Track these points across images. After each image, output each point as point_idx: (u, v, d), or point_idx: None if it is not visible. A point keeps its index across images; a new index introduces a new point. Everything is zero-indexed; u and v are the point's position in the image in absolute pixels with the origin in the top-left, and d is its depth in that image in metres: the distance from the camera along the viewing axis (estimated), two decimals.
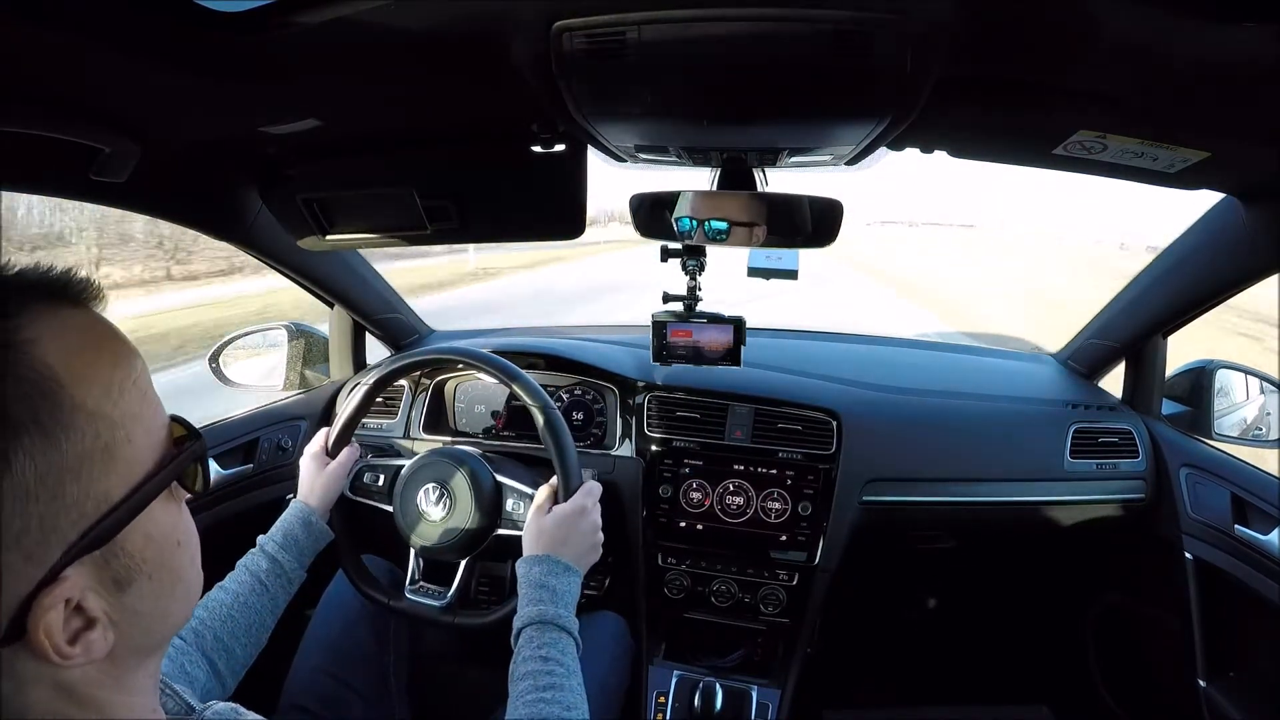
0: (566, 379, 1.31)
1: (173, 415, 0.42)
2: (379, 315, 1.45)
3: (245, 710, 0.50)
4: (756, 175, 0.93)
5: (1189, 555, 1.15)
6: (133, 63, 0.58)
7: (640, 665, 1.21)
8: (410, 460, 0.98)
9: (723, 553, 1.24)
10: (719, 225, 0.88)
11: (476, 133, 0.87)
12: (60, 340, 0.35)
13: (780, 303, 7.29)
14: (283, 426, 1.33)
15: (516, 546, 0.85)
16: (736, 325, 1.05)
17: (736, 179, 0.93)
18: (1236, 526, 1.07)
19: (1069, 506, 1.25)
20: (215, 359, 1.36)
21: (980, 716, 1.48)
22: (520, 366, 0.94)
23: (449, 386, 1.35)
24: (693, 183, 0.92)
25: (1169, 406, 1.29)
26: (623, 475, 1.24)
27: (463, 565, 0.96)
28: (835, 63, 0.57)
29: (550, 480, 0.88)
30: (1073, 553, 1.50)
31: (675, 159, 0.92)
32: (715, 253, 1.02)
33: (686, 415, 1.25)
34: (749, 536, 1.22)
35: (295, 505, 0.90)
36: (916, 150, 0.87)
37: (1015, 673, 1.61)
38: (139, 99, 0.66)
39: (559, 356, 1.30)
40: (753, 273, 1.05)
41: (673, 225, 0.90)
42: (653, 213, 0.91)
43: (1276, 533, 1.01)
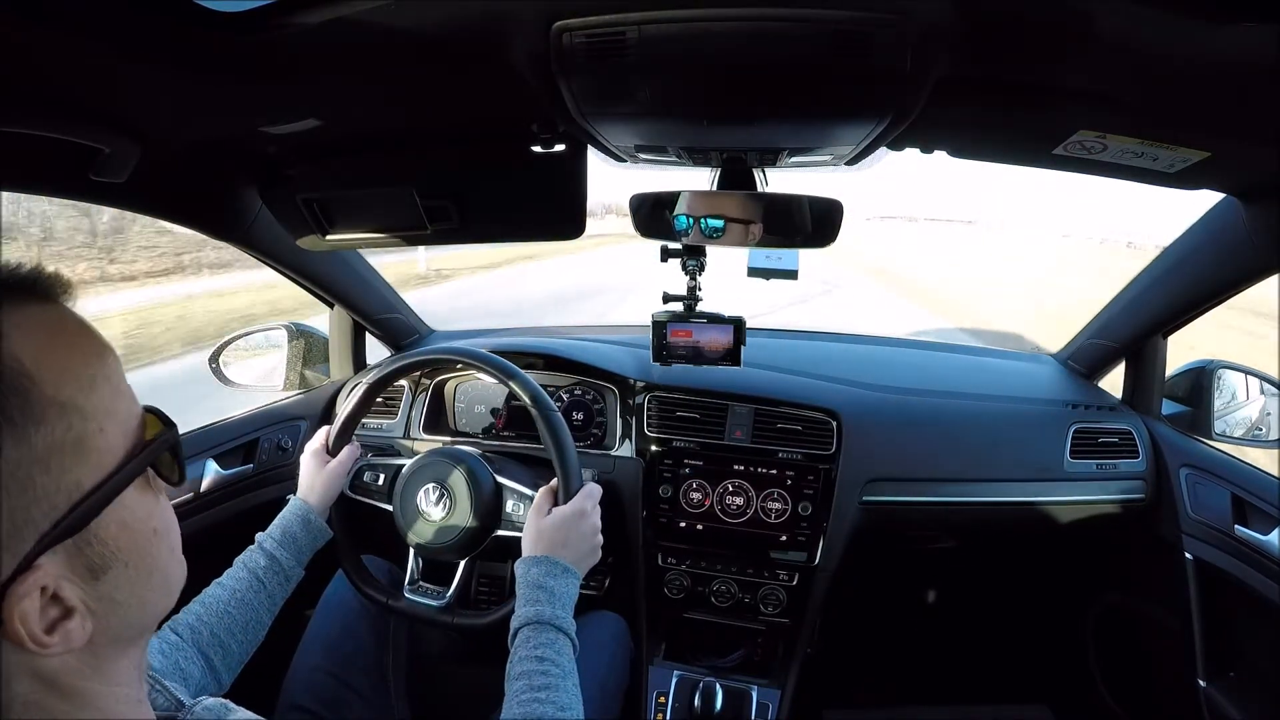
0: (566, 379, 1.31)
1: (147, 407, 0.42)
2: (379, 315, 1.45)
3: (235, 706, 0.51)
4: (756, 175, 0.93)
5: (1189, 555, 1.15)
6: (133, 63, 0.58)
7: (640, 665, 1.21)
8: (410, 460, 0.98)
9: (723, 553, 1.24)
10: (715, 223, 0.88)
11: (476, 133, 0.87)
12: (30, 335, 0.35)
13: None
14: (283, 426, 1.33)
15: (516, 547, 0.85)
16: (736, 325, 1.05)
17: (736, 179, 0.93)
18: (1236, 527, 1.07)
19: (1069, 506, 1.25)
20: (215, 359, 1.36)
21: (980, 716, 1.48)
22: (520, 366, 0.94)
23: (449, 387, 1.35)
24: (693, 183, 0.93)
25: (1169, 406, 1.29)
26: (623, 475, 1.24)
27: (462, 565, 0.96)
28: (835, 63, 0.57)
29: (550, 482, 0.88)
30: (1073, 553, 1.50)
31: (675, 159, 0.92)
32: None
33: (686, 415, 1.25)
34: (749, 537, 1.22)
35: (294, 503, 0.90)
36: (916, 150, 0.87)
37: (1015, 673, 1.61)
38: (139, 99, 0.66)
39: (559, 356, 1.30)
40: (753, 273, 1.05)
41: (671, 225, 0.90)
42: (653, 213, 0.91)
43: (1276, 533, 1.01)
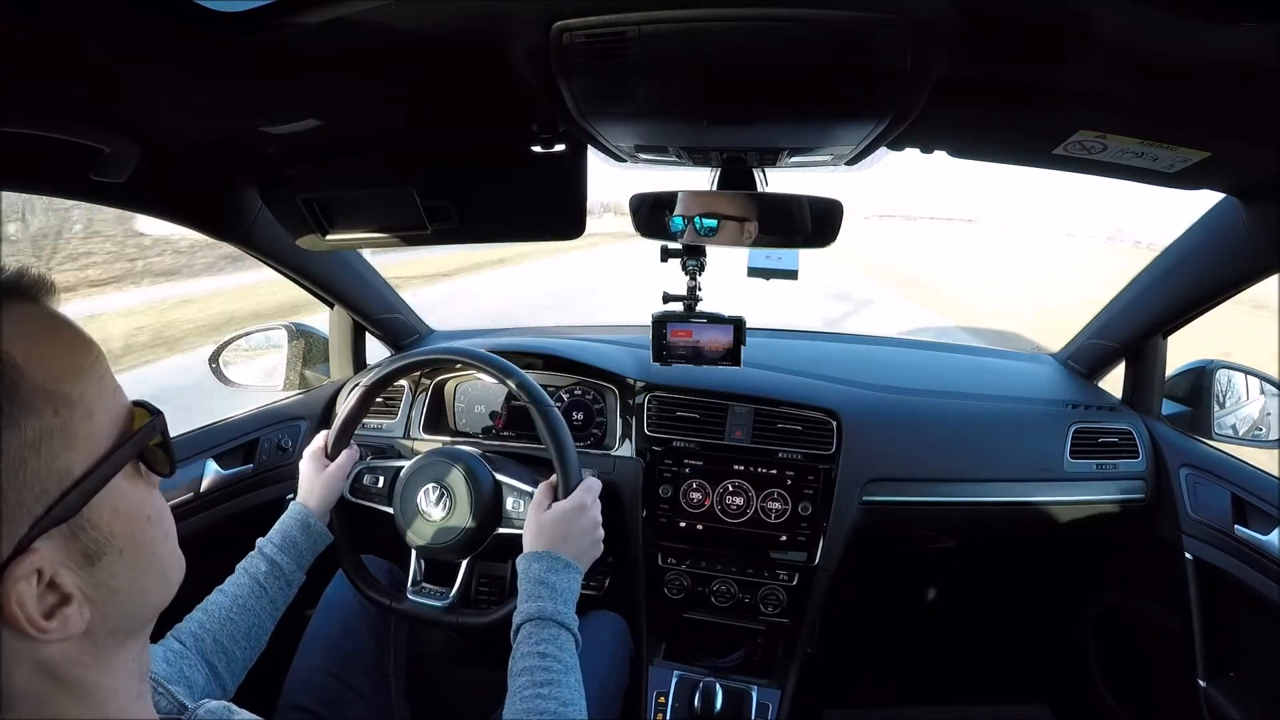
0: (566, 379, 1.31)
1: (135, 400, 0.42)
2: (379, 315, 1.45)
3: (238, 709, 0.51)
4: (756, 175, 0.93)
5: (1189, 555, 1.15)
6: (133, 63, 0.58)
7: (640, 665, 1.21)
8: (409, 461, 0.98)
9: (723, 553, 1.24)
10: (709, 223, 0.88)
11: (476, 133, 0.87)
12: (15, 328, 0.36)
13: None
14: (283, 426, 1.33)
15: (517, 546, 0.85)
16: (736, 325, 1.05)
17: (736, 179, 0.93)
18: (1236, 526, 1.07)
19: (1069, 506, 1.25)
20: (215, 359, 1.36)
21: (980, 716, 1.48)
22: (520, 366, 0.94)
23: (449, 387, 1.35)
24: (693, 183, 0.93)
25: (1169, 406, 1.29)
26: (623, 475, 1.23)
27: (464, 565, 0.96)
28: (835, 63, 0.57)
29: (550, 478, 0.89)
30: (1073, 553, 1.50)
31: (675, 159, 0.92)
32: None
33: (686, 415, 1.25)
34: (749, 536, 1.22)
35: (294, 507, 0.90)
36: (916, 150, 0.87)
37: (1015, 672, 1.61)
38: (139, 99, 0.66)
39: (558, 356, 1.30)
40: (753, 273, 1.05)
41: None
42: (652, 213, 0.91)
43: (1276, 533, 1.01)
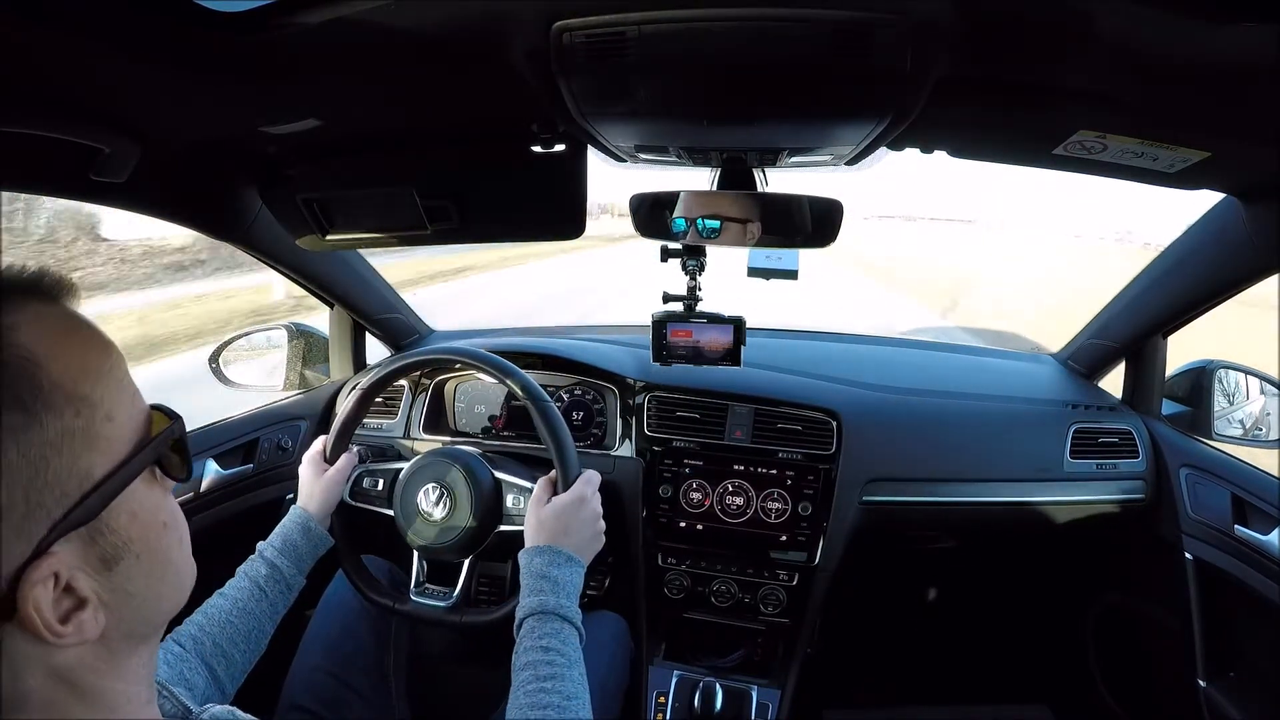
0: (566, 379, 1.31)
1: (153, 404, 0.43)
2: (379, 315, 1.45)
3: (242, 714, 0.51)
4: (756, 175, 0.93)
5: (1189, 555, 1.15)
6: (133, 63, 0.58)
7: (640, 665, 1.21)
8: (409, 463, 0.99)
9: (723, 553, 1.24)
10: (711, 224, 0.88)
11: (476, 133, 0.87)
12: (38, 326, 0.36)
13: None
14: (283, 426, 1.33)
15: (517, 543, 0.85)
16: (736, 325, 1.05)
17: (736, 179, 0.93)
18: (1236, 527, 1.07)
19: (1069, 506, 1.25)
20: (215, 359, 1.36)
21: (980, 716, 1.48)
22: (519, 366, 0.94)
23: (449, 387, 1.35)
24: (693, 183, 0.93)
25: (1169, 406, 1.29)
26: (623, 475, 1.23)
27: (466, 564, 0.97)
28: (835, 62, 0.57)
29: (549, 472, 0.89)
30: (1073, 553, 1.50)
31: (675, 159, 0.92)
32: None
33: (686, 415, 1.25)
34: (749, 536, 1.22)
35: (294, 511, 0.91)
36: (916, 150, 0.87)
37: (1015, 672, 1.61)
38: (139, 99, 0.66)
39: (558, 356, 1.30)
40: (753, 273, 1.05)
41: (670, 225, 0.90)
42: (652, 213, 0.91)
43: (1276, 533, 1.01)
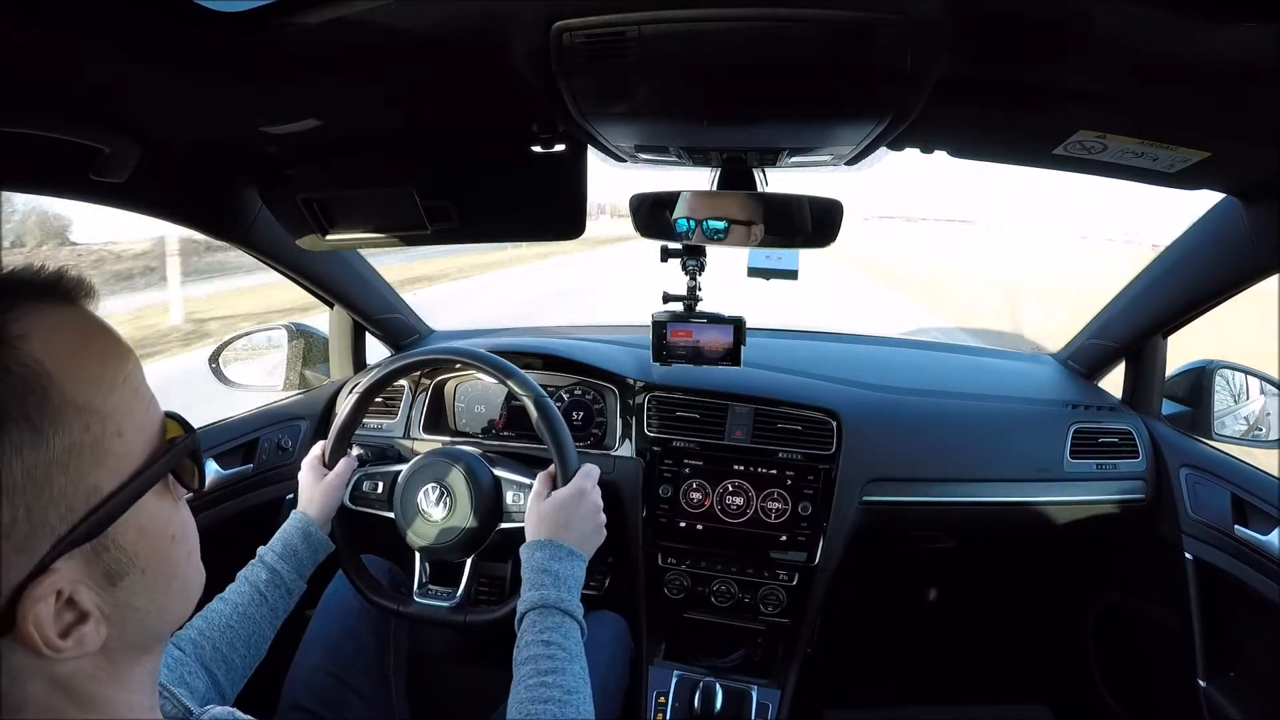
0: (566, 379, 1.31)
1: (168, 412, 0.42)
2: (379, 315, 1.45)
3: (243, 715, 0.51)
4: (756, 175, 0.93)
5: (1189, 555, 1.15)
6: (133, 63, 0.58)
7: (640, 665, 1.21)
8: (408, 464, 0.99)
9: (723, 553, 1.24)
10: (717, 225, 0.88)
11: (476, 133, 0.87)
12: (50, 336, 0.35)
13: None
14: (283, 426, 1.33)
15: (518, 542, 0.85)
16: (736, 325, 1.05)
17: (736, 179, 0.93)
18: (1236, 527, 1.07)
19: (1069, 506, 1.25)
20: (215, 359, 1.36)
21: (980, 716, 1.48)
22: (519, 366, 0.94)
23: (449, 387, 1.35)
24: (693, 183, 0.93)
25: (1169, 406, 1.29)
26: (623, 475, 1.23)
27: (468, 564, 0.97)
28: (835, 62, 0.57)
29: (548, 467, 0.89)
30: (1073, 553, 1.50)
31: (675, 159, 0.92)
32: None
33: (686, 415, 1.25)
34: (749, 536, 1.22)
35: (295, 516, 0.90)
36: (916, 150, 0.87)
37: (1015, 672, 1.61)
38: (139, 99, 0.66)
39: (558, 356, 1.30)
40: (753, 273, 1.05)
41: (672, 225, 0.90)
42: (652, 212, 0.91)
43: (1276, 533, 1.01)
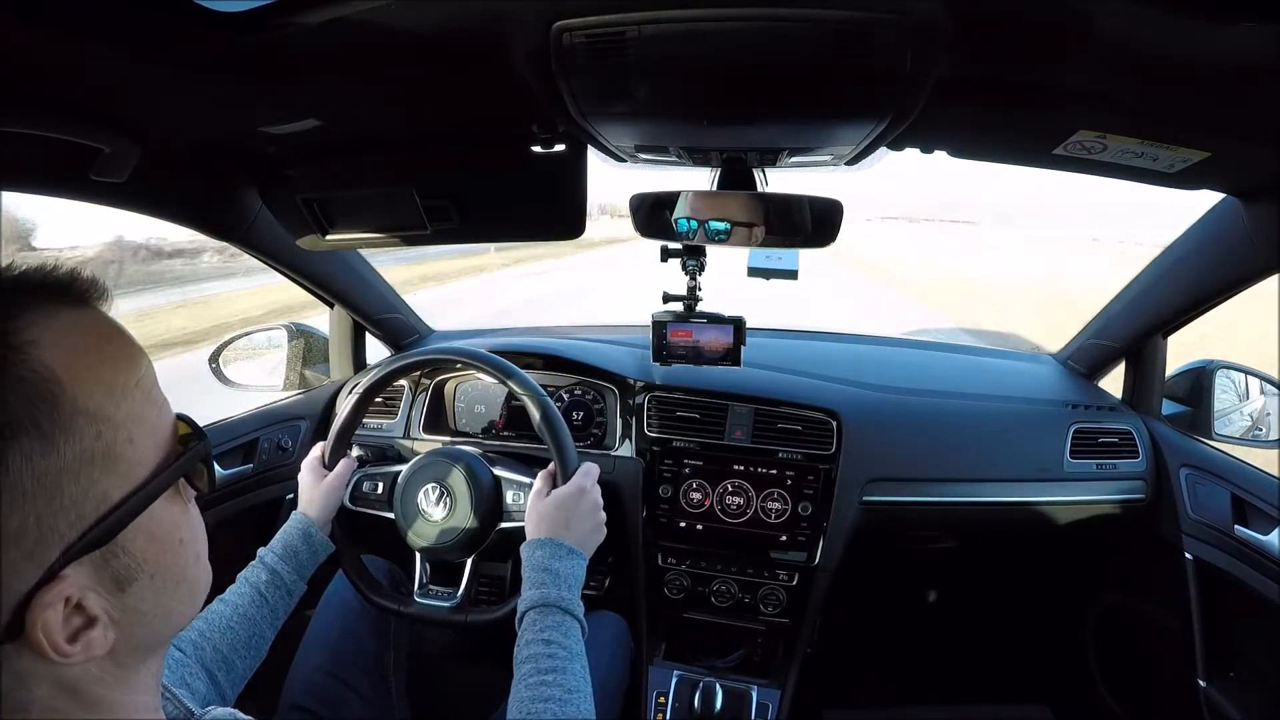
0: (566, 379, 1.31)
1: (179, 414, 0.41)
2: (379, 315, 1.45)
3: (244, 716, 0.50)
4: (756, 175, 0.93)
5: (1189, 555, 1.15)
6: (133, 63, 0.58)
7: (640, 665, 1.21)
8: (408, 464, 0.99)
9: (723, 553, 1.24)
10: (720, 226, 0.88)
11: (476, 133, 0.87)
12: (62, 341, 0.34)
13: None
14: (283, 426, 1.33)
15: (518, 541, 0.85)
16: (736, 325, 1.05)
17: (736, 179, 0.93)
18: (1236, 527, 1.07)
19: (1069, 506, 1.25)
20: (215, 359, 1.36)
21: (980, 716, 1.48)
22: (520, 366, 0.94)
23: (449, 387, 1.35)
24: (693, 183, 0.93)
25: (1169, 406, 1.29)
26: (623, 475, 1.23)
27: (469, 564, 0.97)
28: (835, 63, 0.57)
29: (548, 466, 0.89)
30: (1073, 553, 1.50)
31: (675, 159, 0.92)
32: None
33: (686, 415, 1.25)
34: (749, 536, 1.22)
35: (295, 517, 0.90)
36: (917, 150, 0.87)
37: (1015, 673, 1.61)
38: (139, 99, 0.66)
39: (558, 356, 1.30)
40: (753, 273, 1.05)
41: (672, 225, 0.90)
42: (653, 212, 0.91)
43: (1276, 533, 1.01)
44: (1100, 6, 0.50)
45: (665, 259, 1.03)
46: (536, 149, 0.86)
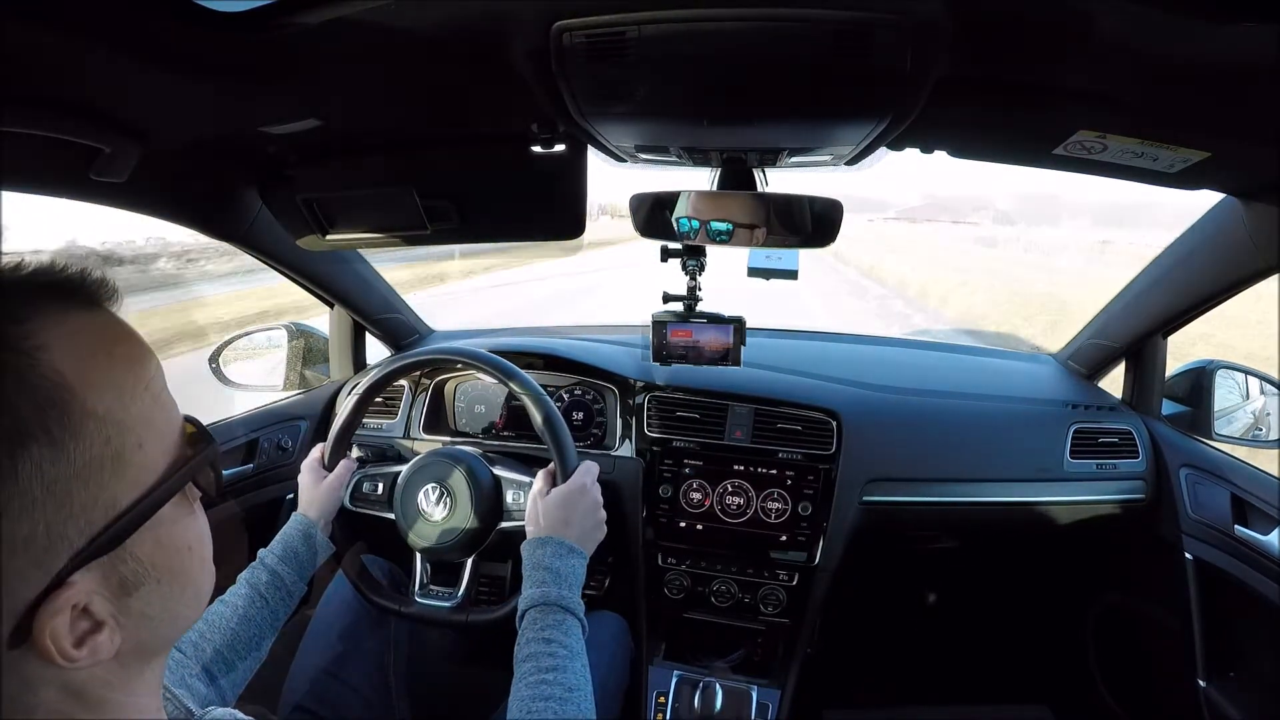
0: (566, 379, 1.31)
1: (186, 416, 0.41)
2: (379, 315, 1.45)
3: (244, 716, 0.51)
4: (756, 175, 0.93)
5: (1189, 555, 1.15)
6: (133, 63, 0.58)
7: (640, 665, 1.21)
8: (408, 465, 0.99)
9: (723, 553, 1.24)
10: (722, 226, 0.88)
11: (476, 133, 0.87)
12: (72, 345, 0.34)
13: None
14: (283, 426, 1.33)
15: (518, 541, 0.85)
16: (736, 325, 1.05)
17: (736, 179, 0.93)
18: (1236, 527, 1.07)
19: (1069, 506, 1.25)
20: (215, 359, 1.36)
21: (980, 716, 1.48)
22: (520, 366, 0.94)
23: (449, 387, 1.35)
24: (693, 182, 0.92)
25: (1169, 406, 1.29)
26: (623, 475, 1.23)
27: (469, 564, 0.97)
28: (835, 63, 0.57)
29: (548, 465, 0.89)
30: (1073, 553, 1.50)
31: (675, 159, 0.92)
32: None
33: (686, 415, 1.25)
34: (749, 536, 1.22)
35: (296, 518, 0.90)
36: (917, 150, 0.87)
37: (1015, 673, 1.61)
38: (139, 99, 0.66)
39: (559, 356, 1.30)
40: (753, 273, 1.05)
41: (673, 225, 0.90)
42: (653, 212, 0.91)
43: (1276, 533, 1.01)
44: (1100, 6, 0.50)
45: (665, 259, 1.03)
46: (536, 149, 0.85)
